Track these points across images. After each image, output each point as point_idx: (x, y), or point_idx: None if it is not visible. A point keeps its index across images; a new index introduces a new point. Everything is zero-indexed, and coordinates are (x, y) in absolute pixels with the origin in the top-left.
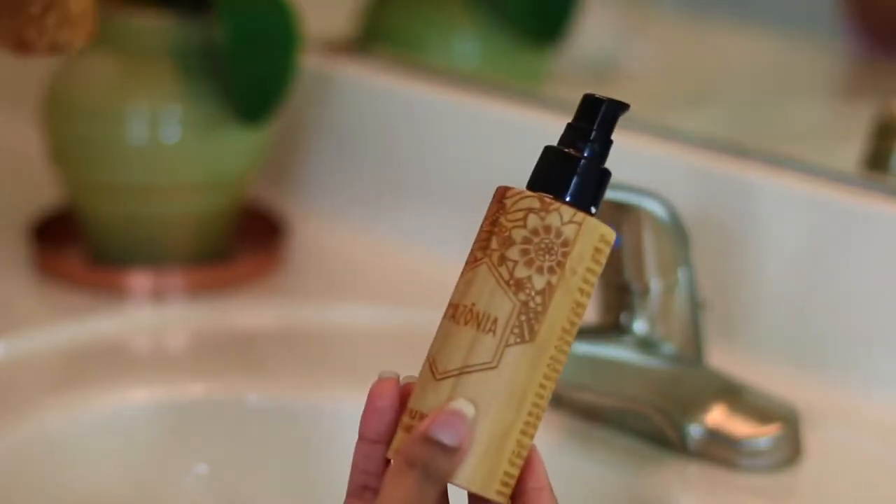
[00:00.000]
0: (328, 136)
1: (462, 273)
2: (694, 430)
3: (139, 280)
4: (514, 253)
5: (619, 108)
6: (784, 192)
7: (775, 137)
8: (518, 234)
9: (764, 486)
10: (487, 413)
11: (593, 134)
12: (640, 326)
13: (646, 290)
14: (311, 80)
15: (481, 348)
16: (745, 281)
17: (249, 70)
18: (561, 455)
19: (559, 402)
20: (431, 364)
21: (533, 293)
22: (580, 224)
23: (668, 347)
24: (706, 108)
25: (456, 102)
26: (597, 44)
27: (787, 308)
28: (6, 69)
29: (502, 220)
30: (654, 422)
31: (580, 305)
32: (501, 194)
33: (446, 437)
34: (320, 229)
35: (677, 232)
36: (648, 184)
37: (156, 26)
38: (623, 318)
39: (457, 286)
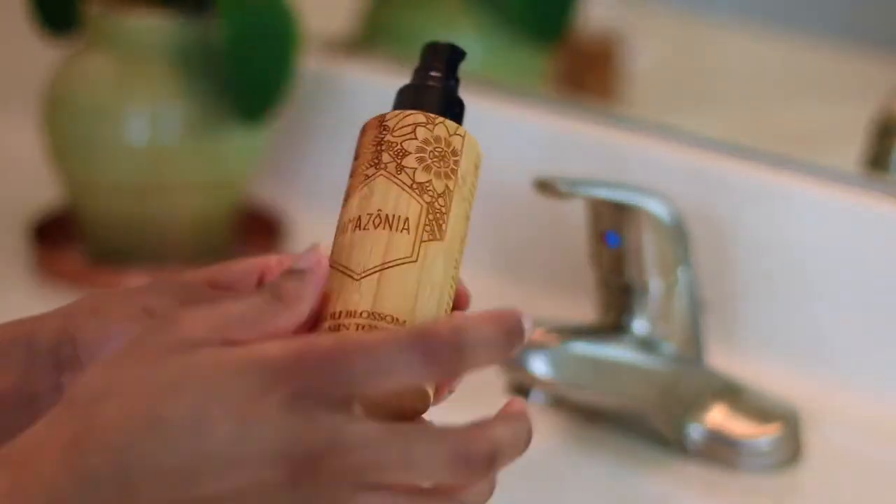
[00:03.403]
0: (328, 136)
1: (351, 193)
2: (694, 430)
3: (138, 280)
4: (410, 161)
5: (461, 53)
6: (784, 192)
7: (775, 137)
8: (411, 145)
9: (764, 486)
10: (417, 302)
11: (445, 71)
12: (640, 326)
13: (646, 290)
14: (311, 80)
15: (399, 245)
16: (745, 281)
17: (249, 70)
18: (561, 455)
19: (559, 402)
20: (345, 270)
21: (436, 195)
22: (463, 137)
23: (668, 347)
24: (706, 108)
25: None
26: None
27: (787, 308)
28: (6, 69)
29: (389, 137)
30: (654, 422)
31: (467, 218)
32: (378, 121)
33: (302, 263)
34: (319, 229)
35: (677, 232)
36: (648, 184)
37: (156, 26)
38: (623, 318)
39: (349, 204)
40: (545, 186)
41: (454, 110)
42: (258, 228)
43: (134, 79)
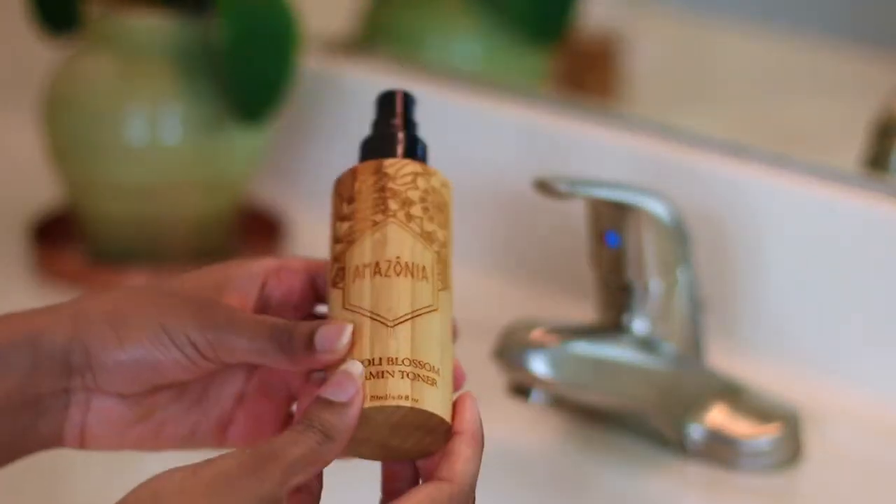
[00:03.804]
0: (328, 136)
1: (357, 236)
2: (694, 430)
3: (139, 280)
4: (416, 210)
5: (414, 99)
6: (784, 192)
7: (775, 137)
8: (414, 195)
9: (764, 486)
10: (442, 349)
11: (406, 118)
12: (640, 326)
13: (646, 290)
14: (311, 80)
15: (422, 294)
16: (745, 281)
17: (249, 70)
18: (561, 455)
19: (559, 402)
20: (374, 316)
21: (440, 245)
22: (449, 188)
23: (668, 347)
24: (706, 107)
25: (456, 102)
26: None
27: (787, 308)
28: (6, 69)
29: (392, 185)
30: (654, 422)
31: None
32: (376, 167)
33: (334, 395)
34: (319, 229)
35: (677, 232)
36: (649, 184)
37: (156, 26)
38: (623, 318)
39: (359, 248)
40: (545, 186)
41: (426, 155)
42: (258, 228)
43: (134, 79)
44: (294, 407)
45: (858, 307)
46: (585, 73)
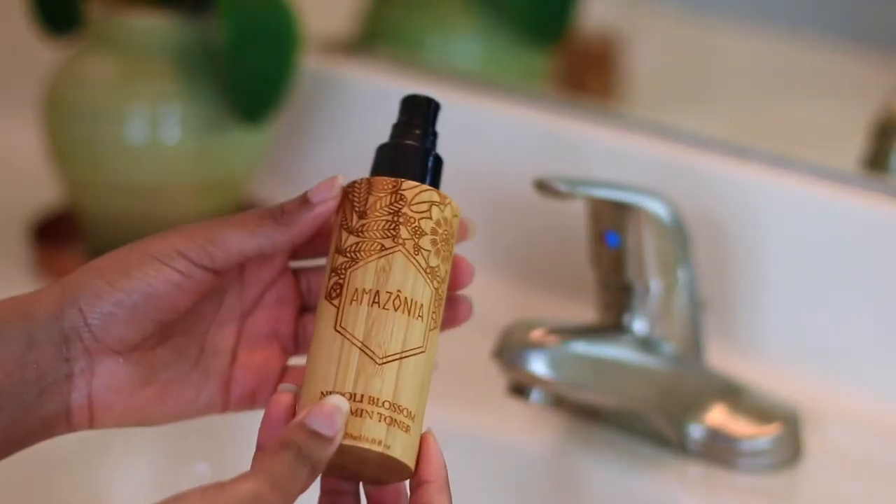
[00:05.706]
0: (328, 136)
1: (362, 255)
2: (694, 430)
3: None
4: (426, 242)
5: (439, 105)
6: (784, 192)
7: (775, 137)
8: (427, 225)
9: (764, 486)
10: (420, 392)
11: (428, 128)
12: (640, 326)
13: (646, 290)
14: (312, 80)
15: (414, 334)
16: (746, 281)
17: (249, 70)
18: (561, 455)
19: (559, 402)
20: (364, 348)
21: (440, 281)
22: (458, 217)
23: (668, 347)
24: (706, 107)
25: (456, 102)
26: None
27: (787, 308)
28: (6, 69)
29: (407, 211)
30: (654, 422)
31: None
32: (393, 186)
33: (322, 428)
34: None
35: (677, 232)
36: (648, 184)
37: (156, 26)
38: (623, 318)
39: (362, 271)
40: (545, 186)
41: (441, 172)
42: None
43: (134, 79)
44: (291, 361)
45: (858, 307)
46: (586, 73)
